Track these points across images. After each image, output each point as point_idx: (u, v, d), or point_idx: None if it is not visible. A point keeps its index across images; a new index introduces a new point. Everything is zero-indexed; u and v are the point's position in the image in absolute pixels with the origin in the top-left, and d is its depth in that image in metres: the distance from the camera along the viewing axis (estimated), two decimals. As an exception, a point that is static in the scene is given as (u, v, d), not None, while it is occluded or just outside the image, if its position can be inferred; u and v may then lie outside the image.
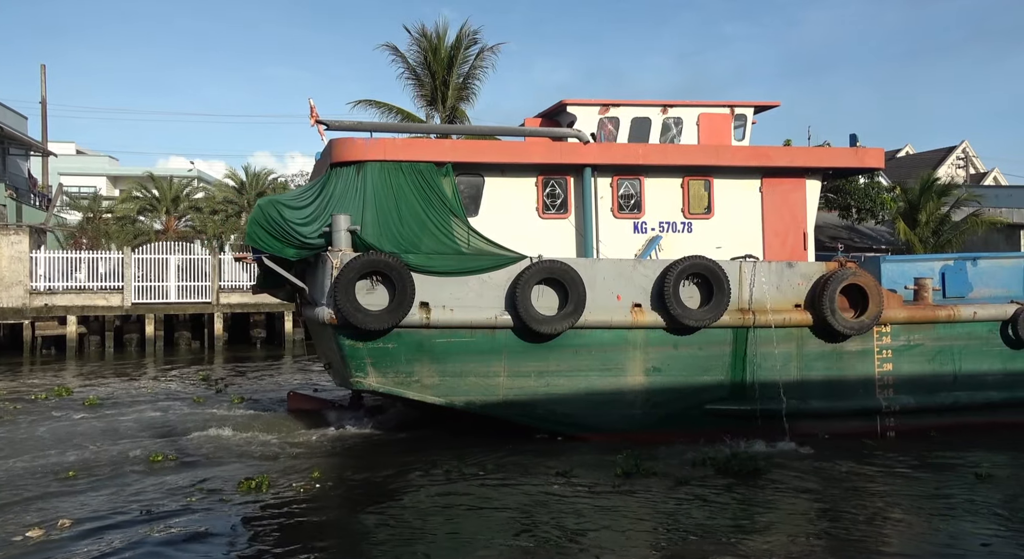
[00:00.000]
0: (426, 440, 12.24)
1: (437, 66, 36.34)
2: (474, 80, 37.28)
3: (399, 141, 12.29)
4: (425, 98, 37.42)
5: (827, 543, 7.81)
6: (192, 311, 31.70)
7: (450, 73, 36.35)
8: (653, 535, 8.18)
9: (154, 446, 11.88)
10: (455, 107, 37.30)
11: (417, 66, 36.94)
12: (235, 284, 32.89)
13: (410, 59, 36.62)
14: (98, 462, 11.02)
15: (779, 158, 12.76)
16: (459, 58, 36.24)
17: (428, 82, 36.76)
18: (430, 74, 36.64)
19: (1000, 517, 8.48)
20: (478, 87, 37.40)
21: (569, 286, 11.32)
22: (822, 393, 11.82)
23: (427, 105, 37.83)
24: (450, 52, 36.25)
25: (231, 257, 33.49)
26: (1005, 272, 12.58)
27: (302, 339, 33.61)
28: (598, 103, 13.33)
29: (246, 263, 12.92)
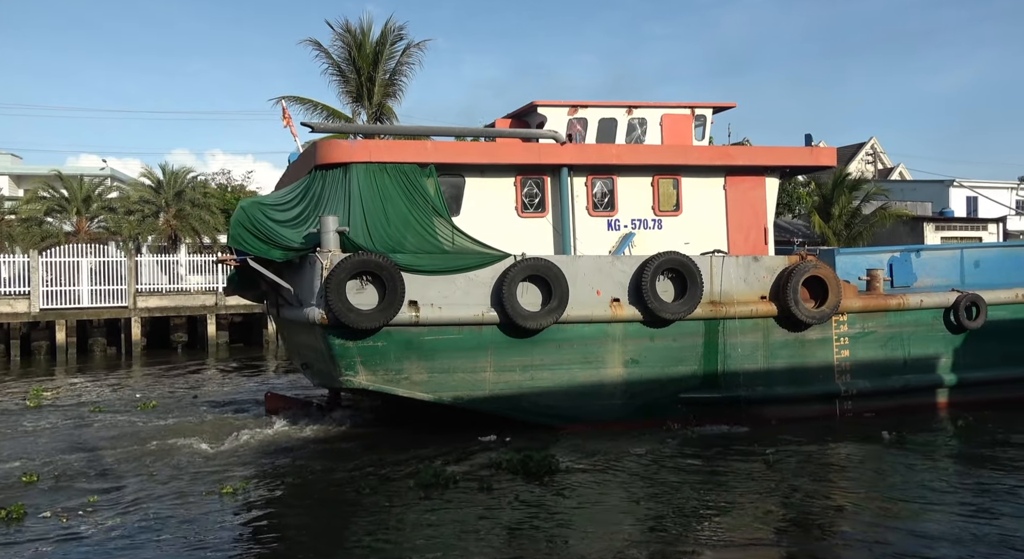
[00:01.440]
0: (387, 437, 12.99)
1: (362, 62, 36.53)
2: (401, 77, 37.59)
3: (384, 143, 12.90)
4: (351, 94, 37.56)
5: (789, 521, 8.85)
6: (107, 316, 31.04)
7: (376, 69, 36.60)
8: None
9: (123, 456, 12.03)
10: (382, 104, 37.56)
11: (342, 62, 37.05)
12: (153, 287, 32.32)
13: (334, 55, 36.70)
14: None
15: (741, 157, 13.93)
16: (385, 54, 36.53)
17: (354, 78, 36.91)
18: (355, 70, 36.81)
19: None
20: (405, 84, 37.70)
21: (552, 282, 12.11)
22: (787, 380, 13.06)
23: (353, 102, 37.95)
24: (375, 48, 36.51)
25: (149, 259, 32.88)
26: (944, 263, 14.15)
27: (226, 342, 33.46)
28: (567, 104, 14.19)
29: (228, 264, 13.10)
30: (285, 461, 11.56)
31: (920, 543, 7.86)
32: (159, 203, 36.51)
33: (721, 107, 14.82)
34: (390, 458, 11.55)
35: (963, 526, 8.29)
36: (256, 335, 34.97)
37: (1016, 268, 14.37)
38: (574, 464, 10.98)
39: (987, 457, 11.06)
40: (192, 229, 36.07)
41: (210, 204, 37.62)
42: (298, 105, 37.66)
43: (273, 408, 14.63)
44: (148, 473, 10.98)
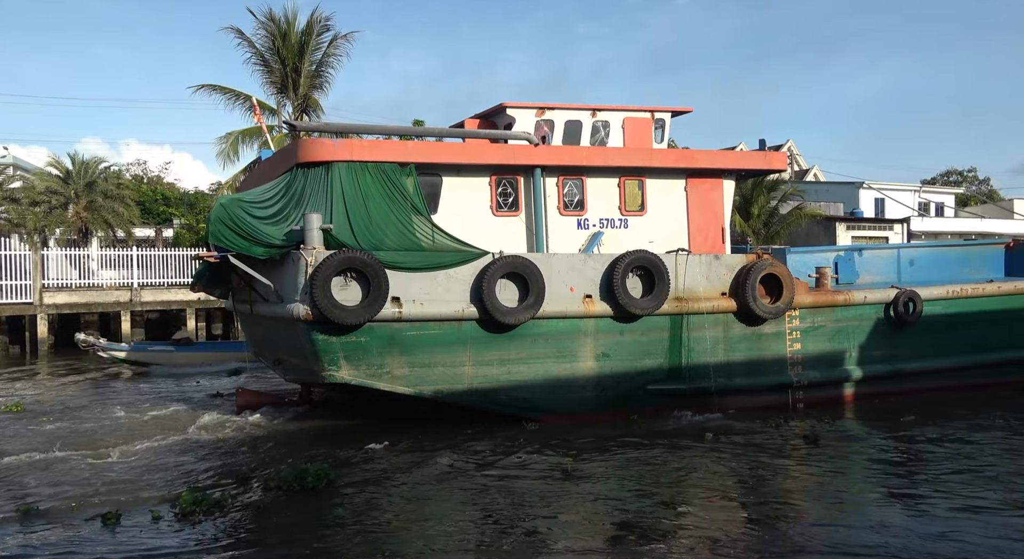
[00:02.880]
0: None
1: (287, 52, 36.42)
2: (328, 68, 37.61)
3: (365, 142, 13.45)
4: (276, 85, 37.38)
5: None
6: (10, 313, 30.18)
7: (302, 60, 36.56)
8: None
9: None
10: (308, 95, 37.50)
11: (265, 51, 36.83)
12: (62, 282, 31.54)
13: (257, 44, 36.44)
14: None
15: (701, 160, 15.06)
16: (311, 45, 36.51)
17: (278, 69, 36.74)
18: (280, 61, 36.63)
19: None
20: (332, 76, 37.73)
21: (530, 279, 12.92)
22: (745, 371, 14.24)
23: (278, 93, 37.77)
24: (301, 38, 36.45)
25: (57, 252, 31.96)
26: (883, 261, 15.69)
27: (142, 340, 32.89)
28: (535, 106, 15.02)
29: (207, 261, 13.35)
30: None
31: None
32: (68, 194, 35.48)
33: (679, 111, 15.93)
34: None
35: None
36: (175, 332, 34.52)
37: (946, 266, 16.08)
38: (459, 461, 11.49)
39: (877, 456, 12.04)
40: (105, 222, 35.21)
41: (124, 196, 36.77)
42: (219, 94, 37.24)
43: (244, 404, 14.91)
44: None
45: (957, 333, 15.31)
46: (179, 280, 33.11)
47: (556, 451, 11.88)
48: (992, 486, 9.84)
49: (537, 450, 11.97)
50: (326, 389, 15.38)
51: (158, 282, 33.08)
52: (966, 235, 45.13)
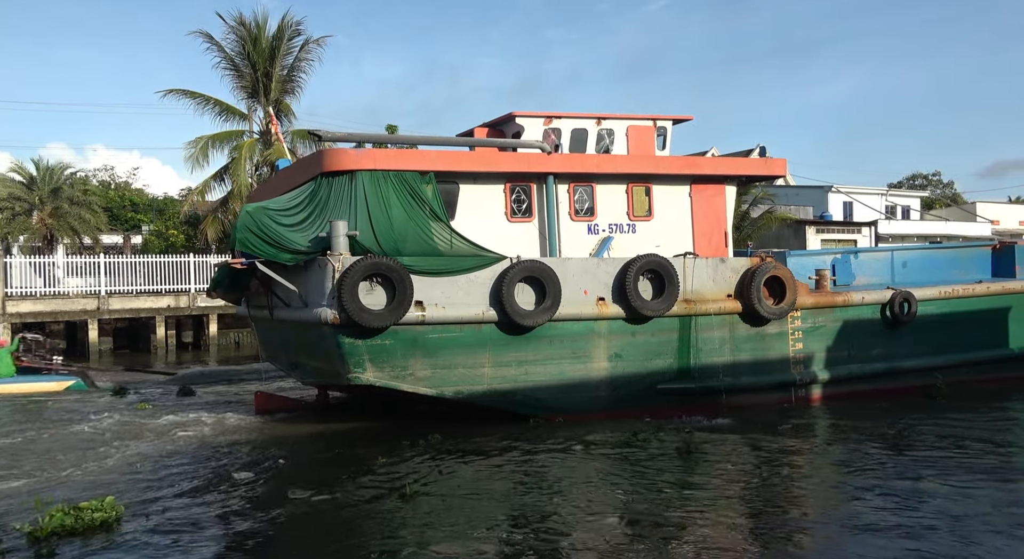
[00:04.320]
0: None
1: (258, 57, 36.84)
2: (300, 73, 38.05)
3: (388, 152, 14.14)
4: (246, 90, 37.77)
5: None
6: (-28, 323, 29.95)
7: (273, 65, 36.98)
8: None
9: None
10: (279, 100, 37.88)
11: (236, 56, 37.22)
12: (26, 290, 31.48)
13: (227, 48, 36.86)
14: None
15: (705, 167, 16.00)
16: (282, 49, 36.97)
17: (249, 74, 37.15)
18: (251, 65, 37.01)
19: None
20: (304, 80, 38.15)
21: (547, 283, 13.67)
22: (750, 370, 15.14)
23: (249, 97, 38.11)
24: (272, 43, 36.92)
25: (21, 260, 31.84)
26: (878, 263, 16.78)
27: (110, 348, 33.01)
28: (542, 115, 15.82)
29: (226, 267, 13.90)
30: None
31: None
32: (32, 200, 35.38)
33: (679, 119, 16.85)
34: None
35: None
36: (143, 341, 34.61)
37: (936, 268, 17.24)
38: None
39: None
40: (71, 228, 35.20)
41: (91, 202, 36.77)
42: (188, 99, 37.46)
43: (263, 408, 15.42)
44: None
45: (949, 332, 16.44)
46: (149, 287, 33.18)
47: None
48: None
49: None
50: (343, 392, 15.96)
51: (127, 290, 33.09)
52: (931, 238, 47.01)
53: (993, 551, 7.96)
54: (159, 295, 33.37)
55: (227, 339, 35.37)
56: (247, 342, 35.93)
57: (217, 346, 34.00)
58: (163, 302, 33.48)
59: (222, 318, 34.46)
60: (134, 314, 33.49)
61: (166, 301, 33.56)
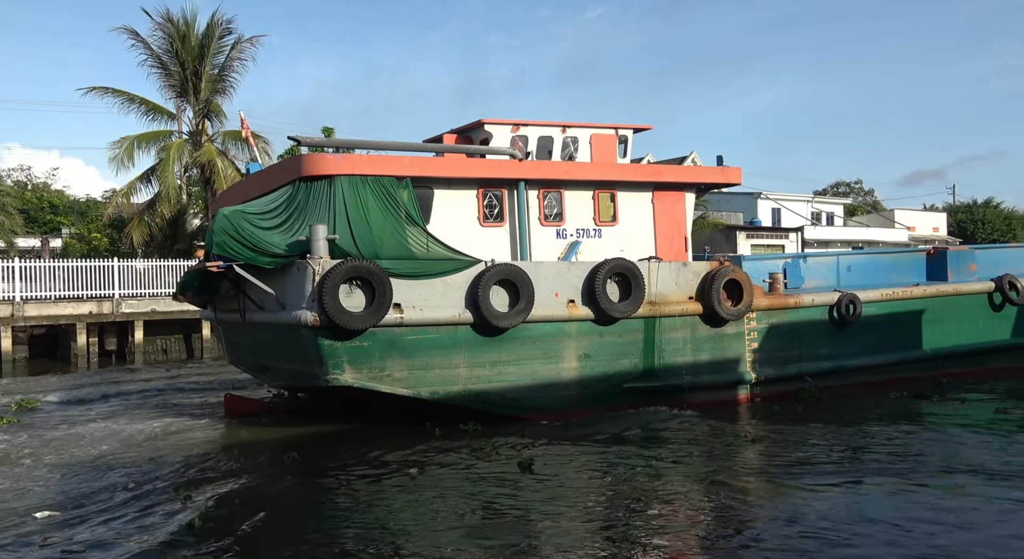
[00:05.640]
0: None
1: (187, 55, 36.76)
2: (231, 73, 38.02)
3: (366, 157, 14.71)
4: (175, 89, 37.60)
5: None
6: None
7: (202, 64, 36.93)
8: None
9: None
10: (209, 100, 37.80)
11: (163, 54, 37.04)
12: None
13: (154, 46, 36.69)
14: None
15: (667, 175, 17.11)
16: (212, 48, 36.96)
17: (177, 72, 37.01)
18: (179, 63, 36.86)
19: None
20: (237, 80, 38.14)
21: (520, 285, 14.50)
22: (710, 369, 16.25)
23: (177, 97, 37.92)
24: (201, 41, 36.87)
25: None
26: (824, 267, 18.19)
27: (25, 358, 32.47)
28: (510, 122, 16.69)
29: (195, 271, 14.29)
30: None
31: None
32: (-63, 201, 34.44)
33: (640, 128, 17.94)
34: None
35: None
36: (63, 349, 34.00)
37: (877, 272, 18.76)
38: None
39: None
40: (-19, 231, 34.34)
41: (5, 203, 35.92)
42: (112, 97, 37.06)
43: (233, 410, 15.78)
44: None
45: (890, 331, 17.95)
46: (69, 293, 32.66)
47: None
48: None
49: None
50: (311, 395, 16.47)
51: (45, 295, 32.52)
52: (853, 243, 49.74)
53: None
54: (80, 301, 32.84)
55: (154, 346, 34.99)
56: (175, 349, 35.68)
57: (144, 354, 33.67)
58: (84, 308, 32.97)
59: (149, 325, 34.13)
60: (52, 321, 32.89)
61: (88, 307, 33.05)
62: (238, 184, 16.93)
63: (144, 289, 34.07)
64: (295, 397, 16.52)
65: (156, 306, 33.97)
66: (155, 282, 34.36)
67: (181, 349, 35.66)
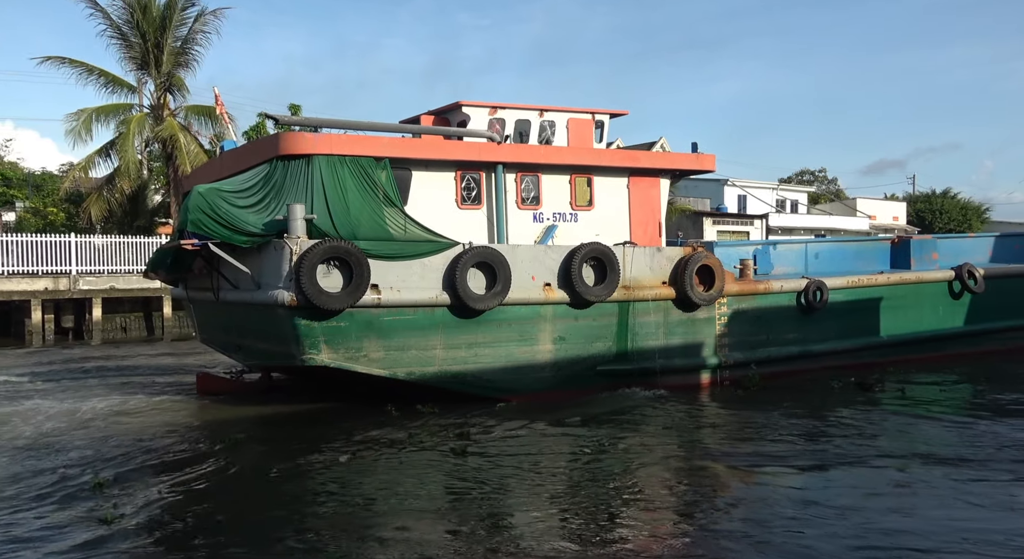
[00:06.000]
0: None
1: (148, 26, 36.32)
2: (195, 46, 37.60)
3: (344, 137, 14.80)
4: (135, 61, 37.12)
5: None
6: None
7: (164, 36, 36.50)
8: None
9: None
10: (171, 73, 37.37)
11: (123, 24, 36.52)
12: None
13: (114, 15, 36.21)
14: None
15: (642, 161, 17.41)
16: (174, 19, 36.55)
17: (138, 44, 36.54)
18: (140, 35, 36.38)
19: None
20: (200, 53, 37.74)
21: (498, 268, 14.75)
22: (681, 353, 16.66)
23: (138, 69, 37.45)
24: (163, 12, 36.47)
25: None
26: (793, 254, 18.69)
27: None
28: (488, 105, 16.86)
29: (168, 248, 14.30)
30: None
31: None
32: None
33: (616, 113, 18.22)
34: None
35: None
36: (16, 326, 33.59)
37: (843, 260, 19.33)
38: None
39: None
40: (-73, 204, 33.68)
41: (-47, 176, 35.27)
42: (69, 68, 36.48)
43: (205, 389, 15.85)
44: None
45: (855, 318, 18.53)
46: (22, 268, 32.20)
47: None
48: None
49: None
50: (286, 374, 16.60)
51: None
52: (816, 230, 50.72)
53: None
54: (35, 277, 32.42)
55: (113, 324, 34.69)
56: (135, 327, 35.39)
57: (102, 332, 33.37)
58: (39, 284, 32.55)
59: (107, 302, 33.81)
60: (5, 297, 32.44)
61: (43, 283, 32.65)
62: (211, 162, 16.95)
63: (103, 266, 33.71)
64: (268, 377, 16.62)
65: (115, 283, 33.66)
66: (114, 259, 34.01)
67: (141, 327, 35.39)
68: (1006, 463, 11.10)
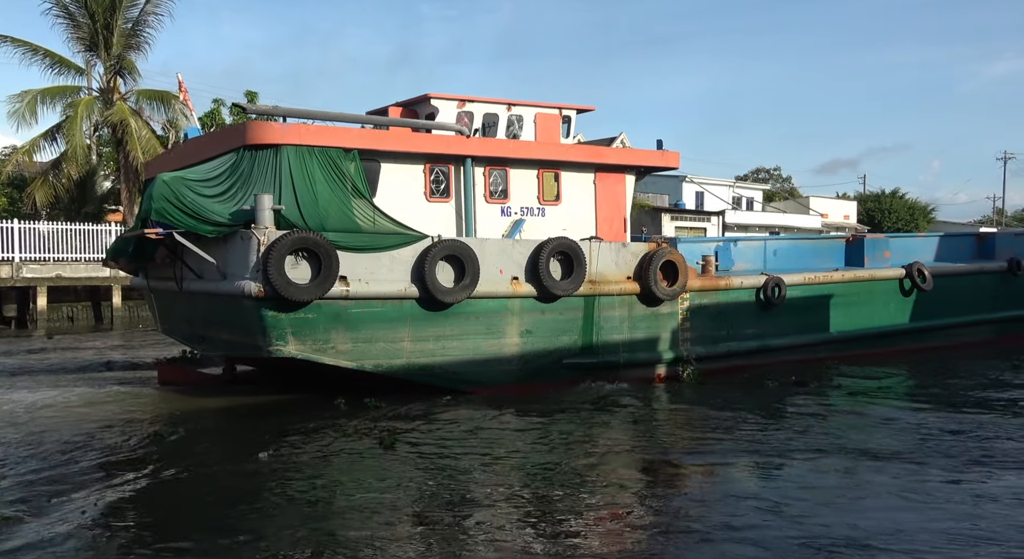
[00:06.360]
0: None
1: (96, 7, 35.78)
2: (146, 28, 37.11)
3: (313, 127, 14.85)
4: (83, 42, 36.56)
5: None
6: None
7: (114, 16, 35.99)
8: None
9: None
10: (122, 56, 36.85)
11: (70, 3, 35.90)
12: None
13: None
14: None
15: (609, 157, 17.77)
16: (125, 0, 35.90)
17: (86, 24, 35.96)
18: (88, 15, 35.83)
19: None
20: (152, 36, 37.26)
21: (466, 261, 14.97)
22: (645, 347, 17.05)
23: (86, 50, 36.89)
24: (113, -9, 35.74)
25: None
26: (752, 251, 19.22)
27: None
28: (456, 98, 17.07)
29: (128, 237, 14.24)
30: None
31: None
32: None
33: (583, 109, 18.55)
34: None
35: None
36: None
37: (800, 257, 19.92)
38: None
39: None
40: None
41: None
42: (10, 46, 35.82)
43: (166, 379, 15.81)
44: None
45: (811, 313, 19.13)
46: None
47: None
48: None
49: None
50: (252, 365, 16.64)
51: (-69, 258, 31.45)
52: (771, 228, 51.78)
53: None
54: (-27, 264, 31.83)
55: (59, 314, 34.17)
56: (83, 317, 34.88)
57: (47, 322, 32.81)
58: (-13, 270, 31.99)
59: (53, 291, 33.26)
60: (-45, 289, 31.85)
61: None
62: (174, 149, 16.86)
63: (49, 253, 33.13)
64: (232, 368, 16.63)
65: (62, 271, 33.13)
66: (61, 246, 33.44)
67: (89, 317, 34.90)
68: (938, 457, 11.39)
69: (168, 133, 36.66)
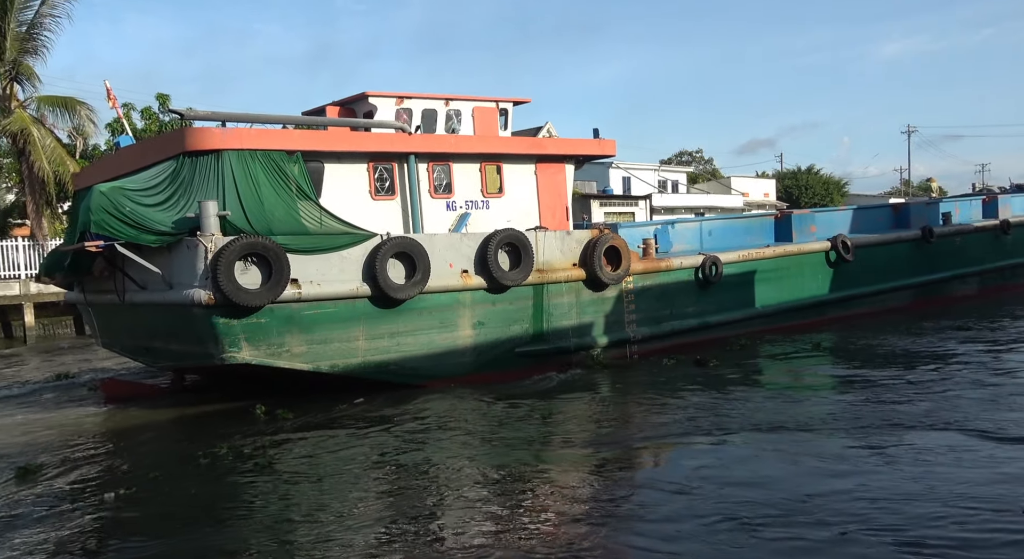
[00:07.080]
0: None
1: (-14, 9, 34.47)
2: (43, 30, 36.07)
3: (254, 131, 15.01)
4: (-28, 47, 35.16)
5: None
6: None
7: (5, 20, 34.86)
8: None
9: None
10: (18, 61, 35.81)
11: (-44, 6, 34.54)
12: None
13: (-57, -4, 34.14)
14: None
15: (549, 147, 18.34)
16: (17, 2, 34.89)
17: (-25, 29, 34.64)
18: (-23, 19, 34.56)
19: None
20: (51, 39, 36.24)
21: (417, 258, 15.35)
22: (592, 331, 17.71)
23: (-24, 55, 35.57)
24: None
25: None
26: (689, 232, 20.08)
27: None
28: (394, 95, 17.41)
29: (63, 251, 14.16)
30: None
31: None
32: None
33: (519, 101, 19.08)
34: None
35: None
36: None
37: (734, 235, 20.89)
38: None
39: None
40: None
41: None
42: None
43: (113, 395, 15.76)
44: None
45: (747, 289, 20.10)
46: None
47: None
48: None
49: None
50: (200, 375, 16.70)
51: None
52: (696, 209, 53.26)
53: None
54: None
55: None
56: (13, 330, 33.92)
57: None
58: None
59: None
60: None
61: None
62: (105, 159, 16.73)
63: (-54, 269, 32.18)
64: (181, 379, 16.66)
65: (-34, 290, 32.20)
66: (-40, 261, 32.49)
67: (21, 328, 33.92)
68: (839, 432, 11.59)
69: (75, 141, 35.81)
